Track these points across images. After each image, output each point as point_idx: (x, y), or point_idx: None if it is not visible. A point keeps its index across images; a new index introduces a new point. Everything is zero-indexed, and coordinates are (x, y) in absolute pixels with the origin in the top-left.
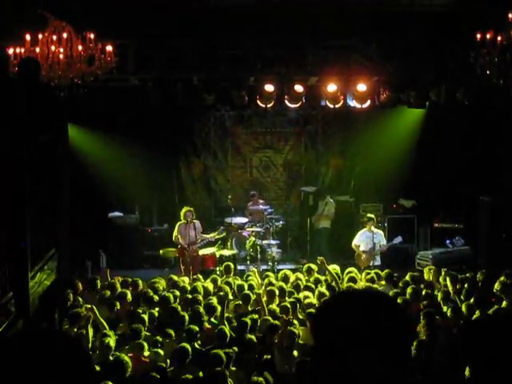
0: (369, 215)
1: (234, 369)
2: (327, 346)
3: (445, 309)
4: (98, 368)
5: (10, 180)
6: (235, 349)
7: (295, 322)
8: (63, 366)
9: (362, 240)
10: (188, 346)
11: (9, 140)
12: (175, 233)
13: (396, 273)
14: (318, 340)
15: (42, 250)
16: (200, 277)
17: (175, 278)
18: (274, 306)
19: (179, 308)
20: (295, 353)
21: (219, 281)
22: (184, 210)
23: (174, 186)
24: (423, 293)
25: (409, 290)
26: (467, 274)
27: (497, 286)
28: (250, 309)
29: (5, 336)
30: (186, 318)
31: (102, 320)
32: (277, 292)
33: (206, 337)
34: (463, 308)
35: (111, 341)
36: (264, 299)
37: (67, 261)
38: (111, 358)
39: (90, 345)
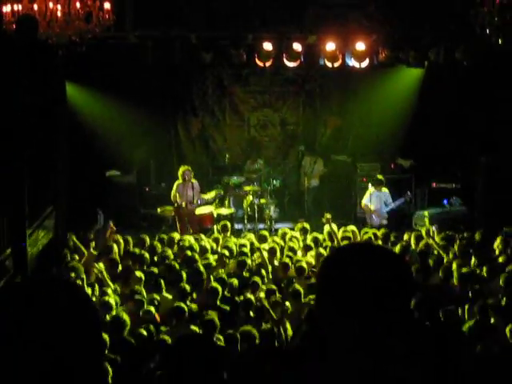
0: (379, 176)
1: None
2: (332, 303)
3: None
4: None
5: (8, 138)
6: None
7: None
8: (69, 313)
9: (372, 200)
10: (184, 305)
11: (6, 98)
12: (173, 191)
13: (394, 233)
14: (324, 296)
15: (39, 208)
16: (202, 236)
17: (177, 235)
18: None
19: (177, 266)
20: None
21: (220, 240)
22: (182, 168)
23: (171, 144)
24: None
25: (398, 248)
26: (464, 234)
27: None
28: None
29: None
30: (184, 276)
31: (106, 277)
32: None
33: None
34: (464, 269)
35: (111, 299)
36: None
37: (65, 219)
38: (109, 316)
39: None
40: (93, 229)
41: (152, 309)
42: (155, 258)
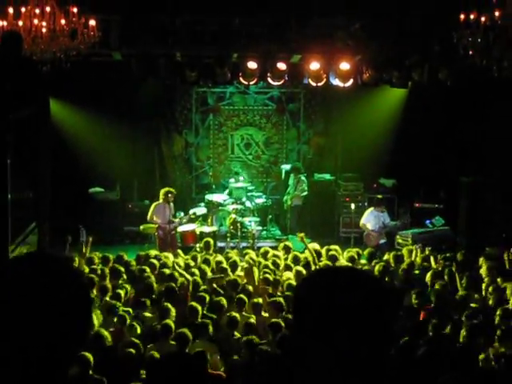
0: (379, 196)
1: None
2: (311, 327)
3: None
4: None
5: None
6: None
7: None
8: (59, 286)
9: (370, 219)
10: (171, 323)
11: None
12: (150, 212)
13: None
14: (301, 320)
15: (22, 224)
16: (180, 252)
17: (156, 253)
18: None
19: (154, 284)
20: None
21: (199, 257)
22: (165, 190)
23: (154, 162)
24: (400, 272)
25: (377, 268)
26: (447, 254)
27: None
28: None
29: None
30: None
31: None
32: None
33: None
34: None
35: (94, 318)
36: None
37: (47, 235)
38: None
39: None
40: (74, 245)
41: (135, 324)
42: (132, 275)
